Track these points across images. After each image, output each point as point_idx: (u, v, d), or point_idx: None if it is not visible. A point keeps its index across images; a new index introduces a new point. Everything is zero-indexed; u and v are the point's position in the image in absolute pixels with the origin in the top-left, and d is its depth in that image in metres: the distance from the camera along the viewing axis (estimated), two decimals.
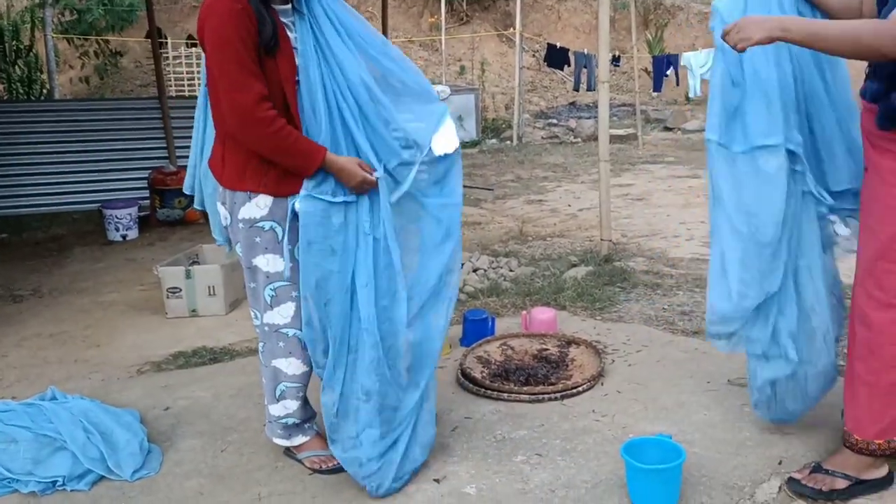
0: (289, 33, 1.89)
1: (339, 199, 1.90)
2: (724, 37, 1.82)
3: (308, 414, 2.17)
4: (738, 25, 1.77)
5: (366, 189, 1.91)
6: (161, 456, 2.25)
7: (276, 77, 1.85)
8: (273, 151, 1.85)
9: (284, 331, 2.02)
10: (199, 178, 2.26)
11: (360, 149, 1.93)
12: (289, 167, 1.88)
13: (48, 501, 2.04)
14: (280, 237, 1.93)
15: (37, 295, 4.30)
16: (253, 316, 2.07)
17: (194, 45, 13.00)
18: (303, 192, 1.88)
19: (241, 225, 1.94)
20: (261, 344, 2.09)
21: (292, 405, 2.10)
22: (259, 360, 2.12)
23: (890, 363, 1.81)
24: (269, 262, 1.95)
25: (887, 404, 1.83)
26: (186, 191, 2.33)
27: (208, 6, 1.81)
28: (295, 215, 1.90)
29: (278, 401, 2.10)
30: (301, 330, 2.00)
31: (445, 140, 2.07)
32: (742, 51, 1.79)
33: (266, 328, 2.03)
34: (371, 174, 1.91)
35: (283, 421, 2.12)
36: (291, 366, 2.05)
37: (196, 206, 2.31)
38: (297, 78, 1.87)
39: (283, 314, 1.99)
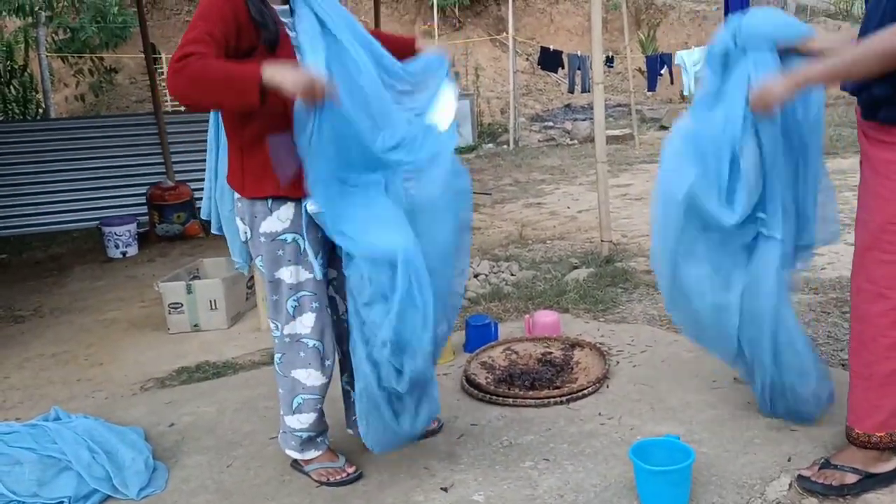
0: (289, 31, 1.89)
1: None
2: (753, 109, 1.91)
3: (322, 427, 2.16)
4: (759, 94, 1.86)
5: (317, 92, 1.70)
6: (167, 473, 2.24)
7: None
8: (200, 94, 1.70)
9: (305, 341, 2.02)
10: (215, 202, 2.27)
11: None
12: (235, 105, 1.75)
13: None
14: (303, 248, 1.95)
15: (38, 315, 4.30)
16: (273, 328, 2.07)
17: None
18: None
19: (262, 239, 1.95)
20: (278, 355, 2.08)
21: (308, 419, 2.08)
22: (276, 371, 2.11)
23: (882, 354, 1.80)
24: (293, 274, 1.97)
25: (883, 395, 1.82)
26: (203, 216, 2.35)
27: None
28: (311, 220, 1.92)
29: (294, 413, 2.08)
30: (319, 341, 2.01)
31: (444, 113, 2.05)
32: (773, 114, 1.91)
33: (287, 339, 2.03)
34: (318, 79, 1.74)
35: (299, 435, 2.11)
36: (311, 377, 2.04)
37: (213, 230, 2.33)
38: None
39: (304, 324, 2.01)
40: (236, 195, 2.00)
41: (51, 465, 2.12)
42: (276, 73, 1.67)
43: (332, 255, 2.06)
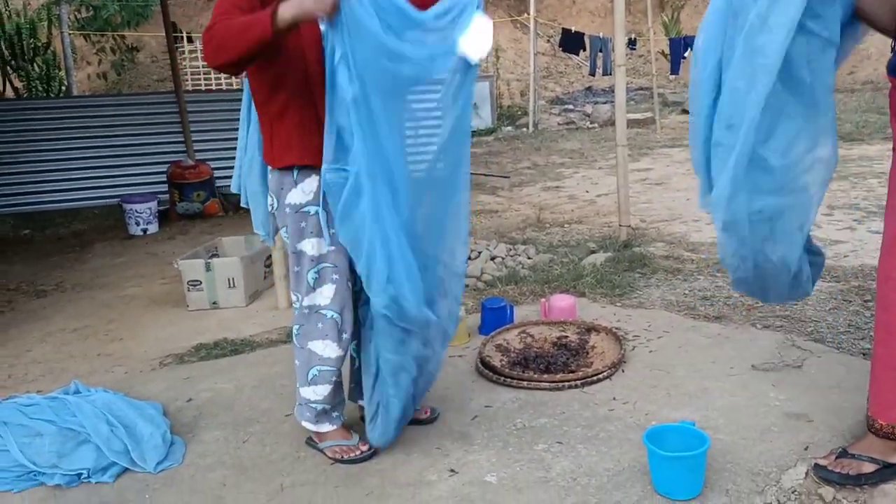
0: None
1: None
2: None
3: (338, 400, 2.18)
4: None
5: (328, 6, 1.71)
6: (184, 448, 2.27)
7: (298, 42, 1.87)
8: (230, 47, 1.76)
9: (324, 311, 2.04)
10: (243, 176, 2.31)
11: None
12: (255, 42, 1.75)
13: (73, 494, 2.07)
14: (325, 221, 1.99)
15: (60, 290, 4.36)
16: (294, 299, 2.11)
17: None
18: (324, 164, 1.87)
19: (287, 210, 2.00)
20: (296, 327, 2.11)
21: (323, 390, 2.10)
22: (293, 344, 2.14)
23: None
24: (315, 246, 2.00)
25: None
26: (233, 189, 2.42)
27: None
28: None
29: (310, 385, 2.11)
30: (339, 312, 2.03)
31: (475, 42, 1.96)
32: None
33: (306, 310, 2.06)
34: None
35: (314, 406, 2.13)
36: (327, 348, 2.06)
37: (242, 203, 2.37)
38: (323, 44, 1.84)
39: (324, 295, 2.03)
40: (268, 168, 2.06)
41: (70, 437, 2.16)
42: (285, 4, 1.72)
43: None
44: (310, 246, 2.00)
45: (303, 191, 1.98)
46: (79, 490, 2.08)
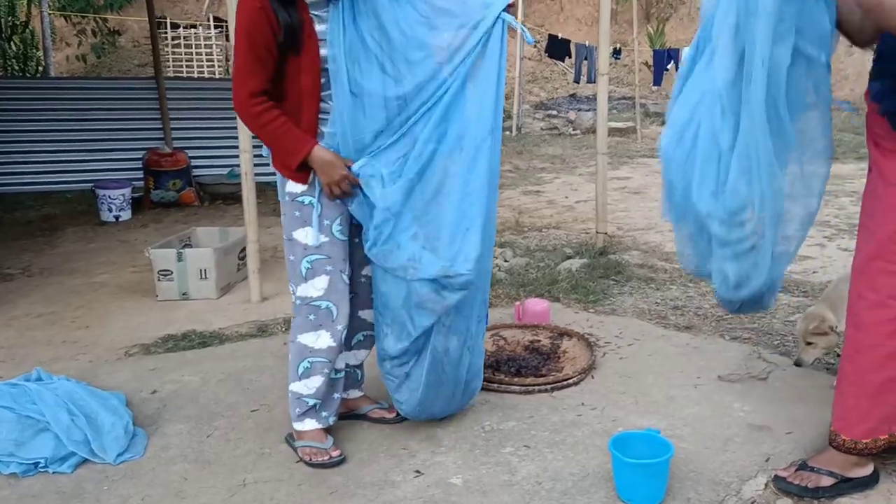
0: (317, 26, 1.90)
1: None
2: None
3: (330, 398, 2.15)
4: None
5: (344, 188, 1.94)
6: (146, 440, 2.23)
7: (297, 68, 1.91)
8: (264, 140, 1.99)
9: (317, 303, 2.03)
10: None
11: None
12: (276, 154, 2.00)
13: (30, 483, 2.02)
14: (319, 212, 2.00)
15: (27, 274, 4.27)
16: (291, 291, 2.11)
17: (192, 26, 12.88)
18: None
19: (286, 198, 2.03)
20: (293, 320, 2.12)
21: (316, 382, 2.08)
22: (290, 340, 2.14)
23: (878, 363, 1.79)
24: (308, 236, 2.01)
25: (875, 405, 1.82)
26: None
27: (239, 1, 1.89)
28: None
29: (301, 378, 2.09)
30: (333, 302, 2.02)
31: None
32: None
33: (299, 302, 2.06)
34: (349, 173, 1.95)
35: (305, 401, 2.10)
36: (320, 339, 2.05)
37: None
38: (324, 67, 1.91)
39: (316, 286, 2.03)
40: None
41: (29, 425, 2.11)
42: (318, 163, 1.92)
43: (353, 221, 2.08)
44: (303, 235, 2.01)
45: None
46: (35, 479, 2.04)
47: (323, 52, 1.90)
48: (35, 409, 2.14)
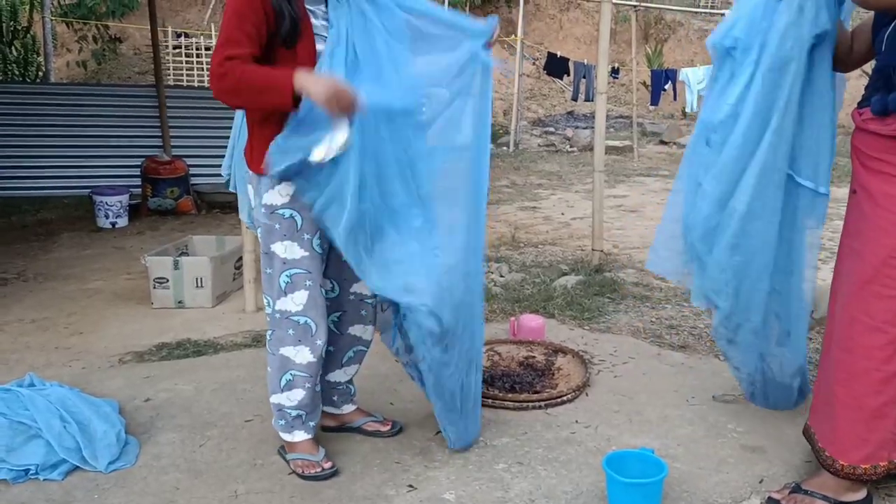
0: (313, 20, 1.90)
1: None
2: None
3: (315, 407, 2.14)
4: None
5: (343, 99, 1.76)
6: (138, 448, 2.22)
7: (293, 65, 1.86)
8: (243, 98, 1.87)
9: (296, 318, 2.01)
10: (235, 161, 2.31)
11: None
12: (270, 108, 1.86)
13: (19, 490, 2.01)
14: (299, 225, 1.96)
15: (21, 279, 4.26)
16: (266, 303, 2.07)
17: (193, 35, 12.93)
18: None
19: (263, 210, 1.98)
20: (269, 332, 2.08)
21: (299, 394, 2.06)
22: (267, 351, 2.10)
23: (875, 388, 1.80)
24: (287, 249, 1.98)
25: (872, 429, 1.82)
26: (224, 173, 2.42)
27: None
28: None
29: (283, 391, 2.07)
30: (312, 318, 2.00)
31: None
32: None
33: (277, 315, 2.03)
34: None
35: (289, 412, 2.09)
36: (300, 354, 2.03)
37: (230, 188, 2.37)
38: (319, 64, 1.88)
39: (296, 301, 2.00)
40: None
41: (21, 431, 2.10)
42: (306, 82, 1.77)
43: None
44: (282, 248, 1.98)
45: (279, 193, 1.96)
46: (25, 486, 2.02)
47: (319, 46, 1.89)
48: (27, 414, 2.13)
